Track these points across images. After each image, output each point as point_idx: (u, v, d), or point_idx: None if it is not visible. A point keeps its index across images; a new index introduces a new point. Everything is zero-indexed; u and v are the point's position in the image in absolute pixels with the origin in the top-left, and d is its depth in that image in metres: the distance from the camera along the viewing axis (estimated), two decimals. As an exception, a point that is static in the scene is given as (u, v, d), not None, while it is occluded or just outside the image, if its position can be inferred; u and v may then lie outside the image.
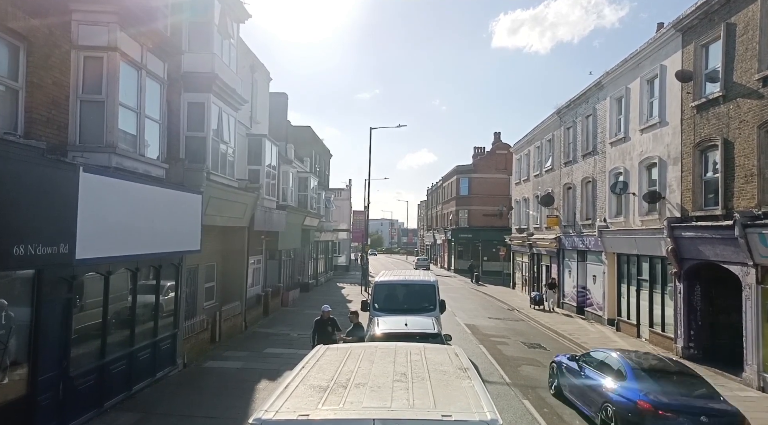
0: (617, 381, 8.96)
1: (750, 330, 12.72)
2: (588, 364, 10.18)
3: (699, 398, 8.28)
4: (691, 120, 15.37)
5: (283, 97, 32.13)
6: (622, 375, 9.00)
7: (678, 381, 8.87)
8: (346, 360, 5.44)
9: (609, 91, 21.29)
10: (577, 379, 10.14)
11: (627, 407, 8.31)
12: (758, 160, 12.40)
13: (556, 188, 27.73)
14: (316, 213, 31.53)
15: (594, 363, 10.07)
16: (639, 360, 9.50)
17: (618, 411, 8.43)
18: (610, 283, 21.01)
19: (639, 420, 8.04)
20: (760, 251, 12.07)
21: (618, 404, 8.51)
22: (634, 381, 8.70)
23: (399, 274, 16.75)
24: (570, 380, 10.51)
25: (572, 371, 10.52)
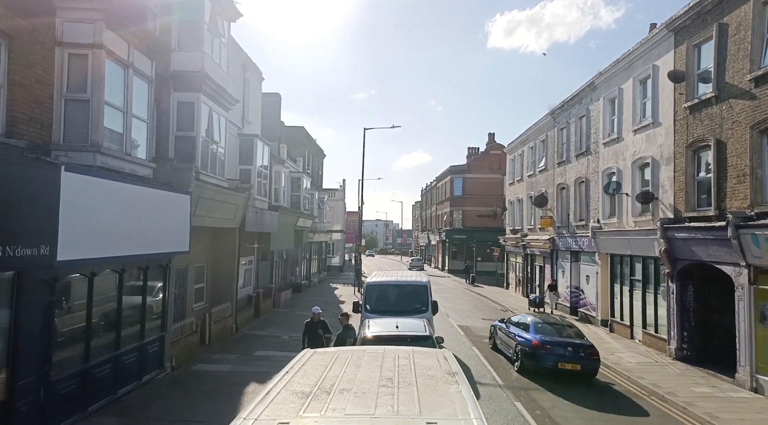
0: (523, 332, 14.10)
1: (743, 331, 12.68)
2: (510, 324, 15.29)
3: (569, 337, 13.64)
4: (684, 120, 15.33)
5: (276, 97, 31.96)
6: (527, 328, 14.12)
7: (560, 330, 14.18)
8: (332, 364, 5.31)
9: (602, 91, 21.27)
10: (504, 334, 15.39)
11: (526, 344, 13.55)
12: (750, 161, 12.37)
13: (550, 189, 27.70)
14: (309, 213, 31.37)
15: (513, 323, 15.21)
16: (539, 320, 14.68)
17: (521, 347, 13.75)
18: (604, 284, 20.97)
19: (533, 351, 13.27)
20: (753, 252, 12.03)
21: (522, 344, 13.78)
22: (533, 331, 13.83)
23: (391, 275, 16.62)
24: (500, 335, 15.82)
25: (502, 330, 15.72)
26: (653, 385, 12.70)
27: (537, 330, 13.84)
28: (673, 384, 12.79)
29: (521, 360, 13.63)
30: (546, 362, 12.95)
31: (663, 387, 12.58)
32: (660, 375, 13.59)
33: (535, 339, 13.37)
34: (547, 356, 12.98)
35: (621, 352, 16.52)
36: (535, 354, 13.12)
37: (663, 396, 11.91)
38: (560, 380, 12.66)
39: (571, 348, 13.06)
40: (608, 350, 16.84)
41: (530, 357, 13.28)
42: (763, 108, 12.02)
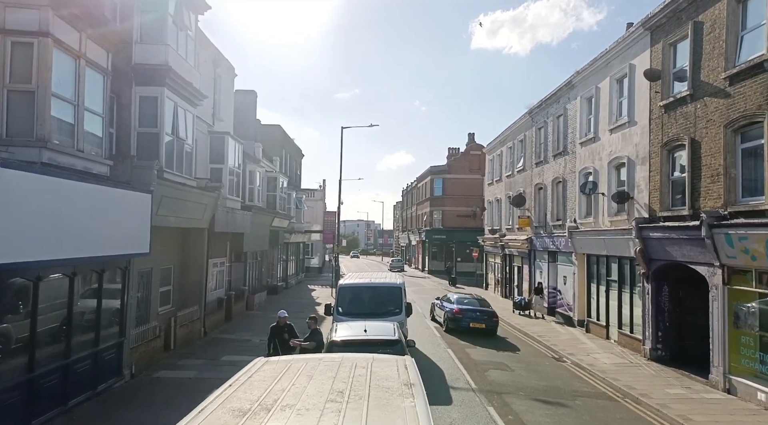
0: (450, 304, 20.09)
1: (716, 332, 12.59)
2: (442, 300, 21.37)
3: (479, 307, 19.81)
4: (659, 119, 15.25)
5: (252, 94, 31.33)
6: (452, 301, 20.19)
7: (474, 303, 20.26)
8: (281, 376, 4.90)
9: (579, 90, 21.18)
10: (438, 308, 21.51)
11: (450, 312, 19.51)
12: (724, 160, 12.28)
13: (528, 188, 27.61)
14: (286, 214, 30.79)
15: (444, 299, 21.42)
16: (462, 297, 21.27)
17: (447, 314, 19.68)
18: (580, 284, 20.88)
19: (453, 316, 19.24)
20: (727, 252, 11.94)
21: (448, 312, 19.69)
22: (456, 303, 19.94)
23: (365, 277, 16.24)
24: (436, 309, 22.05)
25: (437, 304, 22.04)
26: (628, 387, 12.54)
27: (458, 302, 20.28)
28: (648, 386, 12.64)
29: (447, 323, 19.94)
30: (462, 323, 19.21)
31: (637, 388, 12.42)
32: (634, 377, 13.45)
33: (456, 308, 19.78)
34: (463, 319, 19.29)
35: (596, 353, 16.39)
36: (455, 318, 19.47)
37: (637, 398, 11.74)
38: (472, 334, 18.80)
39: (479, 313, 19.56)
40: (584, 350, 16.71)
41: (452, 320, 19.56)
42: (737, 106, 11.94)
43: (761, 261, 10.90)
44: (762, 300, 11.43)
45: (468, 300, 20.48)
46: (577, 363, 15.16)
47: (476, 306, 19.98)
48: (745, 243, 11.24)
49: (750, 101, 11.54)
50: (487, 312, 19.48)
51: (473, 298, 21.03)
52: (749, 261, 11.30)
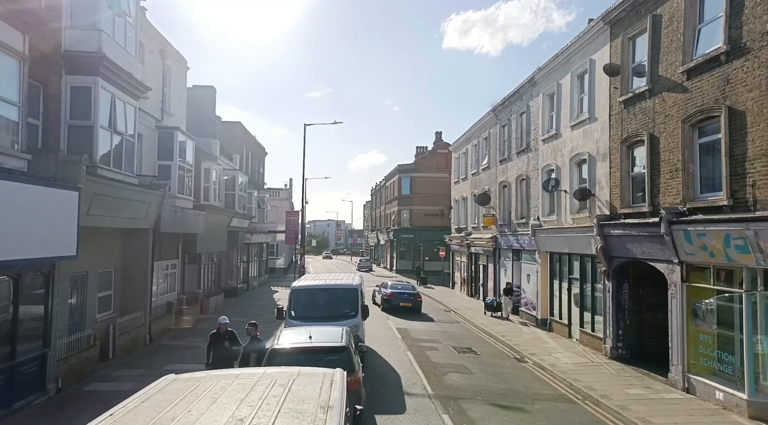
0: (385, 289, 25.94)
1: (675, 330, 12.40)
2: (381, 287, 27.01)
3: (407, 291, 25.70)
4: (619, 115, 15.04)
5: (211, 90, 30.21)
6: (388, 287, 26.03)
7: (406, 287, 26.64)
8: (181, 399, 4.21)
9: (542, 87, 20.96)
10: (378, 293, 26.98)
11: (385, 295, 25.43)
12: (683, 155, 12.08)
13: (493, 186, 27.36)
14: (247, 213, 29.76)
15: (382, 285, 27.13)
16: (395, 283, 27.24)
17: (383, 297, 25.65)
18: (543, 283, 20.67)
19: (387, 298, 25.20)
20: (685, 248, 11.73)
21: (383, 295, 25.61)
22: (391, 287, 26.03)
23: (321, 278, 15.54)
24: (376, 294, 27.25)
25: (377, 290, 27.60)
26: (588, 388, 12.22)
27: (392, 288, 26.28)
28: (608, 386, 12.35)
29: (383, 303, 25.82)
30: (393, 303, 25.08)
31: (597, 389, 12.11)
32: (595, 377, 13.16)
33: (390, 292, 25.73)
34: (394, 300, 25.18)
35: (558, 352, 16.10)
36: (389, 300, 25.38)
37: (597, 400, 11.40)
38: (401, 311, 24.56)
39: (406, 295, 25.47)
40: (546, 350, 16.41)
41: (387, 301, 25.49)
42: (695, 101, 11.74)
43: (719, 257, 10.69)
44: (720, 298, 11.25)
45: (400, 287, 26.84)
46: (539, 363, 14.82)
47: (405, 291, 26.08)
48: (703, 240, 11.03)
49: (707, 95, 11.34)
50: (412, 294, 25.81)
51: (404, 285, 27.60)
52: (708, 258, 11.10)
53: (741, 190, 10.33)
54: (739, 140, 10.43)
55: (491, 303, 24.20)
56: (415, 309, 24.60)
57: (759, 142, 9.93)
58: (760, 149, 9.90)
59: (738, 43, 10.48)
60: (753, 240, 9.65)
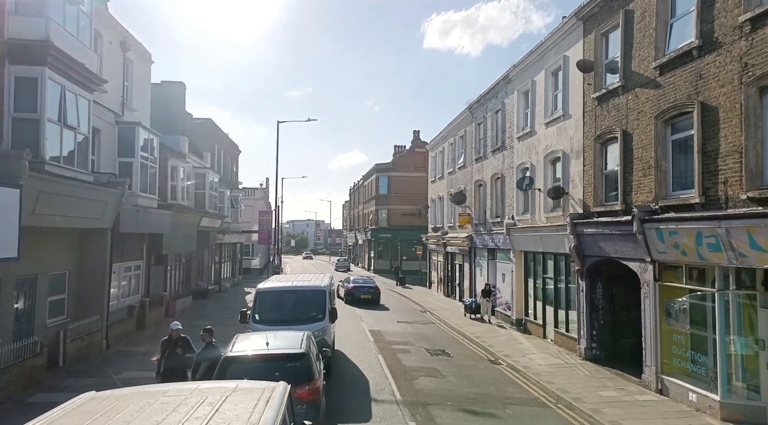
0: (348, 283, 29.69)
1: (649, 330, 12.19)
2: (344, 282, 30.25)
3: (367, 285, 29.28)
4: (593, 112, 14.83)
5: (180, 86, 29.34)
6: (350, 282, 29.73)
7: (364, 281, 30.00)
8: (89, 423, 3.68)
9: (516, 84, 20.72)
10: (341, 287, 29.43)
11: (349, 288, 29.06)
12: (655, 152, 11.87)
13: (468, 185, 27.10)
14: (218, 213, 28.95)
15: (345, 280, 30.82)
16: (357, 278, 31.06)
17: (345, 290, 29.05)
18: (518, 282, 20.43)
19: (349, 291, 28.76)
20: (658, 247, 11.52)
21: (346, 289, 29.18)
22: (353, 282, 29.79)
23: (287, 279, 15.00)
24: (341, 289, 29.27)
25: (340, 285, 29.43)
26: (561, 390, 11.93)
27: (353, 282, 29.79)
28: (581, 389, 12.08)
29: (345, 296, 28.67)
30: (355, 295, 28.37)
31: (571, 392, 11.82)
32: (568, 379, 12.89)
33: (351, 286, 29.31)
34: (355, 292, 28.54)
35: (532, 353, 15.83)
36: (351, 292, 28.71)
37: (570, 403, 11.11)
38: (362, 303, 27.74)
39: (366, 288, 28.90)
40: (520, 351, 16.13)
41: (349, 294, 28.68)
42: (667, 97, 11.53)
43: (691, 256, 10.49)
44: (693, 297, 11.06)
45: (361, 281, 30.36)
46: (513, 365, 14.51)
47: (365, 285, 29.51)
48: (675, 238, 10.82)
49: (680, 91, 11.13)
50: (372, 287, 29.13)
51: (365, 279, 31.21)
52: (680, 257, 10.90)
53: (713, 187, 10.13)
54: (711, 136, 10.23)
55: (470, 304, 23.28)
56: (374, 300, 28.48)
57: (731, 138, 9.74)
58: (732, 145, 9.70)
59: (710, 37, 10.28)
60: (725, 239, 9.45)
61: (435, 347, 16.85)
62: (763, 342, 9.60)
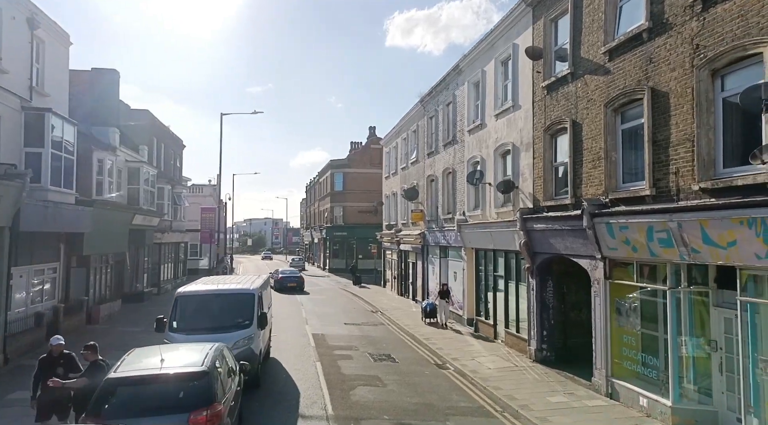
0: (277, 274, 35.42)
1: (599, 330, 11.54)
2: (274, 273, 35.55)
3: (294, 274, 35.82)
4: (542, 102, 14.13)
5: (112, 74, 27.19)
6: (279, 273, 35.63)
7: (292, 272, 36.97)
8: None
9: (467, 75, 19.94)
10: (272, 278, 32.26)
11: (278, 278, 34.40)
12: (605, 142, 11.20)
13: (421, 181, 26.26)
14: (155, 210, 27.02)
15: (275, 272, 36.80)
16: (285, 270, 37.92)
17: (276, 280, 33.37)
18: (470, 281, 19.68)
19: (279, 281, 33.92)
20: (608, 243, 10.85)
21: (276, 279, 33.96)
22: (281, 273, 35.62)
23: (213, 282, 13.65)
24: (271, 280, 27.68)
25: (272, 276, 33.41)
26: (508, 397, 11.13)
27: (282, 273, 35.26)
28: (529, 394, 11.32)
29: (275, 285, 31.48)
30: (283, 283, 33.48)
31: (518, 398, 11.04)
32: (517, 384, 12.12)
33: (279, 276, 34.38)
34: (283, 281, 33.69)
35: (482, 356, 15.04)
36: (279, 281, 33.59)
37: (517, 412, 10.31)
38: (289, 290, 32.93)
39: (292, 278, 34.28)
40: (469, 354, 15.33)
41: (278, 283, 33.02)
42: (617, 83, 10.87)
43: (642, 252, 9.84)
44: (644, 296, 10.44)
45: (288, 272, 36.31)
46: (460, 369, 13.67)
47: (291, 275, 35.45)
48: (626, 233, 10.16)
49: (630, 77, 10.48)
50: (296, 277, 35.12)
51: (292, 271, 37.69)
52: (631, 253, 10.25)
53: (664, 178, 9.49)
54: (662, 124, 9.59)
55: (426, 307, 21.03)
56: (299, 287, 33.96)
57: (682, 126, 9.10)
58: (684, 133, 9.07)
59: (660, 18, 9.64)
60: (676, 233, 8.80)
61: (380, 351, 15.82)
62: (715, 342, 9.02)
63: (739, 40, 7.92)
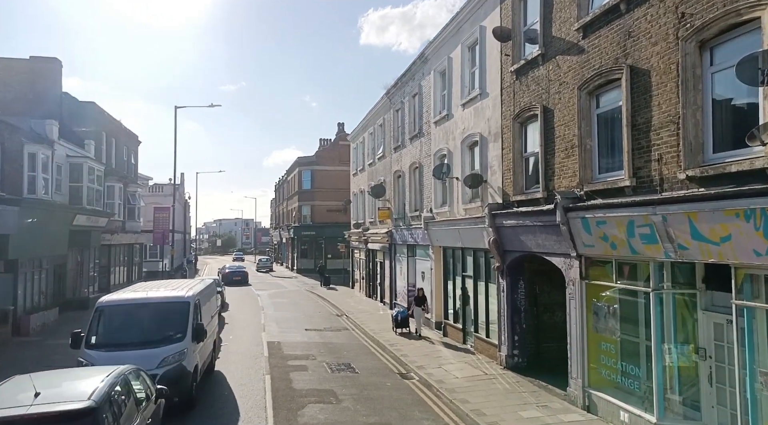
0: (224, 270, 41.32)
1: (575, 336, 10.49)
2: (222, 269, 42.47)
3: (240, 269, 41.03)
4: (511, 88, 13.04)
5: (53, 63, 25.24)
6: (226, 269, 41.53)
7: (239, 267, 42.68)
8: None
9: (433, 63, 18.78)
10: (220, 272, 40.23)
11: (225, 273, 39.10)
12: (579, 129, 10.15)
13: (388, 177, 25.03)
14: (101, 210, 25.06)
15: (223, 268, 43.18)
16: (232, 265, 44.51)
17: (223, 275, 38.15)
18: (438, 282, 18.54)
19: (225, 275, 38.17)
20: (584, 239, 9.80)
21: (223, 273, 39.22)
22: (228, 269, 41.68)
23: (144, 289, 12.12)
24: (219, 274, 38.36)
25: (220, 271, 41.46)
26: (476, 412, 9.99)
27: (229, 269, 40.83)
28: (499, 408, 10.20)
29: (223, 279, 33.60)
30: (229, 278, 37.66)
31: (487, 413, 9.91)
32: (486, 395, 10.99)
33: (227, 271, 39.64)
34: (230, 276, 38.24)
35: (450, 363, 13.90)
36: (226, 276, 37.80)
37: (485, 431, 9.16)
38: (235, 283, 37.55)
39: (238, 273, 39.33)
40: (437, 361, 14.16)
41: (225, 277, 36.85)
42: (592, 63, 9.81)
43: (622, 249, 8.80)
44: (624, 297, 9.41)
45: (235, 267, 41.77)
46: (425, 379, 12.48)
47: (237, 270, 40.14)
48: (603, 229, 9.10)
49: (606, 55, 9.43)
50: (241, 272, 39.74)
51: (239, 265, 43.57)
52: (609, 250, 9.21)
53: (645, 166, 8.46)
54: (642, 106, 8.55)
55: (397, 316, 18.22)
56: (243, 280, 38.73)
57: (665, 107, 8.07)
58: (667, 115, 8.04)
59: (640, -13, 8.59)
60: (661, 228, 7.77)
61: (340, 361, 14.51)
62: (704, 350, 8.02)
63: (732, 4, 6.90)
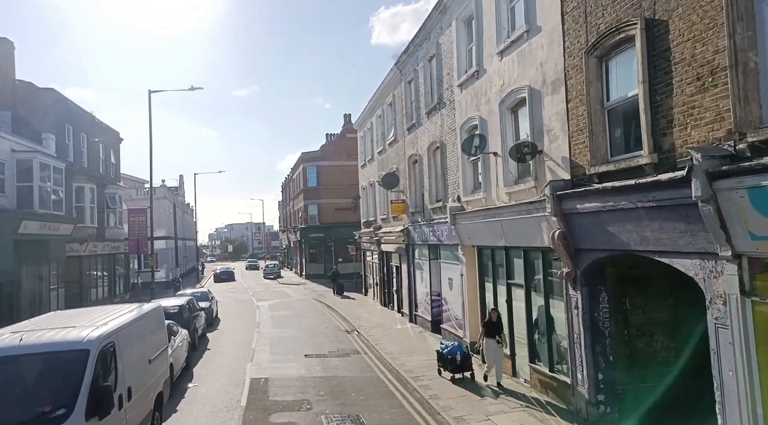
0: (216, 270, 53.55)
1: (731, 387, 6.26)
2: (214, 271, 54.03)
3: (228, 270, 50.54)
4: (581, 7, 8.82)
5: (7, 44, 21.50)
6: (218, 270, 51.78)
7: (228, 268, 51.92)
8: None
9: (454, 11, 14.62)
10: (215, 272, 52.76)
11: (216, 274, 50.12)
12: (731, 37, 5.92)
13: (402, 164, 20.93)
14: (64, 215, 21.25)
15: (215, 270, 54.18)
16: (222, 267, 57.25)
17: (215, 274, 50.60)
18: (471, 291, 14.34)
19: (217, 275, 49.43)
20: (750, 226, 5.61)
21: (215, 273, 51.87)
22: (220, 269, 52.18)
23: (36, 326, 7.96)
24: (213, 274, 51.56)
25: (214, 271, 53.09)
26: None
27: (219, 270, 51.02)
28: None
29: (214, 278, 47.33)
30: (220, 277, 47.57)
31: None
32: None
33: (218, 272, 49.80)
34: (220, 276, 47.67)
35: (501, 413, 9.68)
36: (218, 275, 48.16)
37: None
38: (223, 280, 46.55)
39: (226, 272, 48.96)
40: (479, 408, 9.94)
41: (216, 277, 48.10)
42: None
43: None
44: None
45: (223, 269, 48.86)
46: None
47: (225, 271, 48.50)
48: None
49: None
50: (229, 272, 47.21)
51: (227, 267, 49.55)
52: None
53: None
54: None
55: (447, 354, 11.87)
56: (229, 278, 43.75)
57: None
58: None
59: None
60: None
61: (344, 410, 10.35)
62: None
63: None
